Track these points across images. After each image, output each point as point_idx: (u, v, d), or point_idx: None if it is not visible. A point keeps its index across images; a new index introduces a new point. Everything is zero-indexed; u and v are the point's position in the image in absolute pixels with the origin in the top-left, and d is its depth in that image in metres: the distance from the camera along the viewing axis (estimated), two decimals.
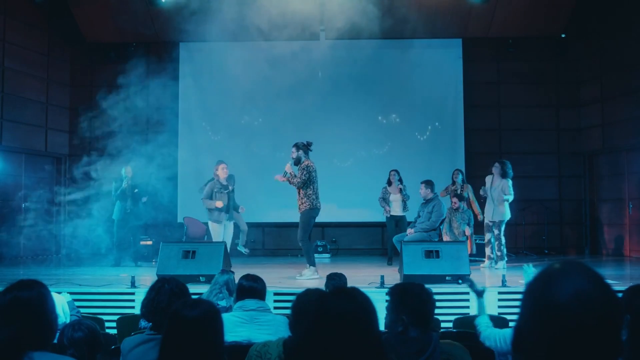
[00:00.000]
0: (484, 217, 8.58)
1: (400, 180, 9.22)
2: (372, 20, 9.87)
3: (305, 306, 2.62)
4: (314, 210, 7.14)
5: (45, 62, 11.41)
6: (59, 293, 4.27)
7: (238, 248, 8.95)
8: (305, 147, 7.36)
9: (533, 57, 11.62)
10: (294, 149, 7.40)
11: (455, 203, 8.88)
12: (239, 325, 3.26)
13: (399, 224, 9.01)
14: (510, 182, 8.25)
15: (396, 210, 9.10)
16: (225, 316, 3.30)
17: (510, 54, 11.55)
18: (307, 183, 7.10)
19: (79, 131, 11.74)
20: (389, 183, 9.22)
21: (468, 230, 8.92)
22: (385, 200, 9.15)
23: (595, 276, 1.09)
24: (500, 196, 8.17)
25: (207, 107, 11.47)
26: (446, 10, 10.77)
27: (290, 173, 7.25)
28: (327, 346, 1.49)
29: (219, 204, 8.16)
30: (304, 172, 7.10)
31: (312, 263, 7.19)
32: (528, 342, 1.09)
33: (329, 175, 11.32)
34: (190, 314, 1.91)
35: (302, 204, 7.17)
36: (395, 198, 9.10)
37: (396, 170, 9.27)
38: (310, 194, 7.13)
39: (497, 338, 3.07)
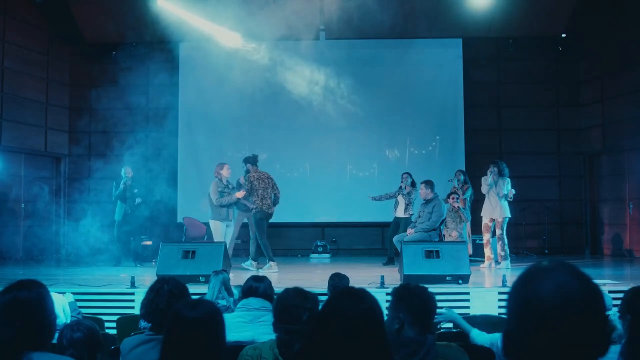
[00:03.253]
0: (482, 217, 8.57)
1: (412, 183, 9.13)
2: (372, 20, 9.88)
3: (285, 304, 2.64)
4: (260, 212, 8.19)
5: (45, 62, 11.40)
6: (62, 293, 4.26)
7: (244, 264, 8.78)
8: (251, 159, 8.40)
9: (533, 57, 11.61)
10: (243, 164, 8.48)
11: (453, 201, 8.80)
12: (242, 324, 3.25)
13: (400, 225, 8.98)
14: (509, 180, 8.27)
15: (399, 212, 9.09)
16: (228, 316, 3.30)
17: (510, 54, 11.54)
18: (251, 191, 8.23)
19: (78, 131, 11.75)
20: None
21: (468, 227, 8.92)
22: (394, 200, 9.17)
23: (576, 271, 1.10)
24: (501, 193, 8.16)
25: (207, 107, 11.45)
26: (446, 10, 10.76)
27: (242, 184, 8.48)
28: (335, 346, 1.49)
29: (240, 194, 8.28)
30: (246, 182, 8.27)
31: (271, 258, 8.19)
32: (516, 342, 1.09)
33: (328, 175, 11.34)
34: (191, 314, 1.90)
35: (254, 208, 8.23)
36: (400, 200, 9.11)
37: (408, 173, 9.22)
38: (255, 200, 8.21)
39: (494, 342, 3.07)
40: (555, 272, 1.09)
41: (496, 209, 8.26)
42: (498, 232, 8.24)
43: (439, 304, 5.83)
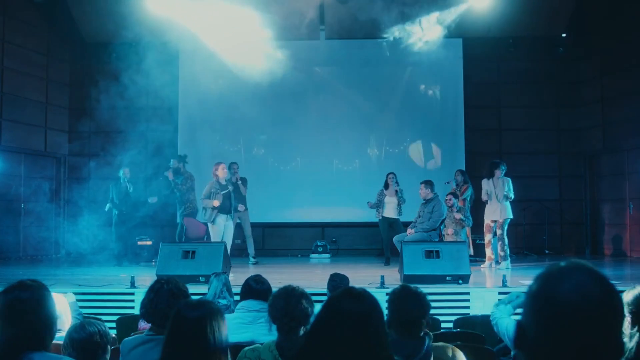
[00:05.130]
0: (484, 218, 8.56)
1: (397, 183, 9.15)
2: (372, 20, 9.87)
3: (280, 303, 2.63)
4: (194, 210, 8.97)
5: (45, 62, 11.40)
6: (65, 293, 4.25)
7: (250, 264, 9.06)
8: (183, 158, 9.03)
9: (533, 57, 11.61)
10: (174, 161, 9.22)
11: (449, 201, 8.77)
12: (242, 326, 3.25)
13: (393, 225, 8.96)
14: (509, 180, 8.27)
15: (390, 212, 9.02)
16: (228, 317, 3.30)
17: (510, 54, 11.53)
18: (190, 190, 8.94)
19: (78, 131, 11.74)
20: (386, 186, 9.16)
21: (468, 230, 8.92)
22: (380, 202, 9.08)
23: (596, 273, 1.11)
24: (504, 195, 8.16)
25: (206, 107, 11.46)
26: (446, 9, 10.76)
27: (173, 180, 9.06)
28: (335, 347, 1.49)
29: (216, 203, 8.21)
30: (188, 181, 8.90)
31: None
32: (531, 338, 1.10)
33: (329, 176, 11.34)
34: (192, 314, 1.90)
35: (187, 208, 8.91)
36: (390, 200, 9.04)
37: (393, 174, 9.22)
38: (191, 198, 8.99)
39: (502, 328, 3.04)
40: (576, 272, 1.10)
41: (497, 210, 8.27)
42: (499, 232, 8.24)
43: (439, 304, 5.83)
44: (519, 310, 3.09)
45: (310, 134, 11.32)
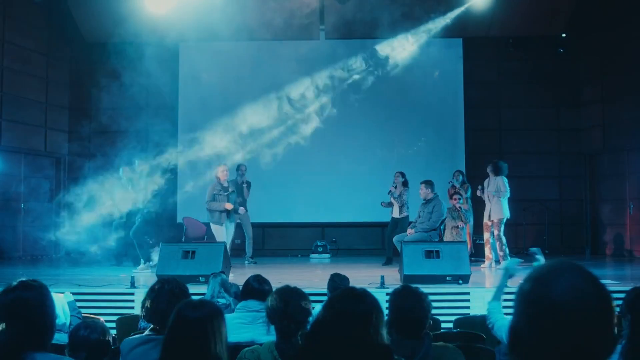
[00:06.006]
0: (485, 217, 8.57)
1: (404, 183, 9.09)
2: (372, 20, 9.88)
3: (279, 306, 2.65)
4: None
5: (45, 62, 11.40)
6: (63, 293, 4.26)
7: (247, 263, 9.09)
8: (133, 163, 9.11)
9: (533, 57, 11.60)
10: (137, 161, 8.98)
11: (454, 200, 8.80)
12: (242, 326, 3.25)
13: (397, 225, 8.97)
14: (505, 179, 8.25)
15: (394, 212, 9.06)
16: (228, 317, 3.31)
17: (510, 54, 11.53)
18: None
19: (78, 131, 11.74)
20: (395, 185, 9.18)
21: (468, 227, 8.92)
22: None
23: (587, 273, 1.10)
24: (494, 194, 8.18)
25: (207, 107, 11.45)
26: (446, 10, 10.77)
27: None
28: (335, 347, 1.49)
29: (229, 205, 8.24)
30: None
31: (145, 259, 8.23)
32: (523, 341, 1.09)
33: (329, 176, 11.33)
34: (193, 314, 1.91)
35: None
36: (393, 200, 9.07)
37: (401, 173, 9.18)
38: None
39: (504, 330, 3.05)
40: (568, 273, 1.10)
41: (487, 210, 8.30)
42: (495, 232, 8.23)
43: (439, 304, 5.82)
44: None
45: (309, 134, 11.30)
